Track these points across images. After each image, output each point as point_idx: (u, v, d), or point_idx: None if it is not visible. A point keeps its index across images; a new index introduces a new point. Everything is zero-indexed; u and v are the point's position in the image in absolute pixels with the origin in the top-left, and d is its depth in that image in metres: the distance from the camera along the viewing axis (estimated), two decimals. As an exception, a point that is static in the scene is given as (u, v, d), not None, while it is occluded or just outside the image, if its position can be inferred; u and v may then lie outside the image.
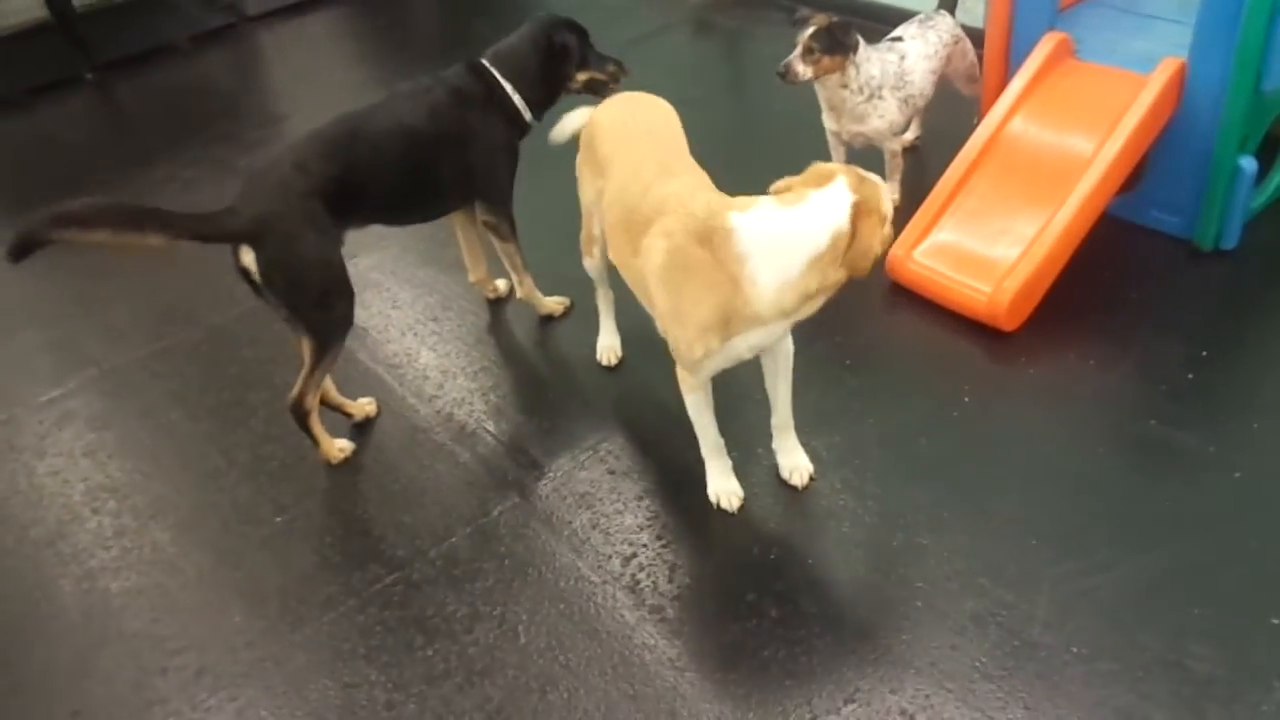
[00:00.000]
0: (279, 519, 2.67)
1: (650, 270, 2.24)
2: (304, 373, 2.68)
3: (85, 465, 2.94)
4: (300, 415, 2.71)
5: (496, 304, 3.35)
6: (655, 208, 2.24)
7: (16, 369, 3.37)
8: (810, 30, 3.06)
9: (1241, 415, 2.59)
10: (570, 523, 2.55)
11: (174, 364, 3.28)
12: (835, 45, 3.08)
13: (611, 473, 2.67)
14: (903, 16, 3.60)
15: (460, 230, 3.22)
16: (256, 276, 2.54)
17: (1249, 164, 2.93)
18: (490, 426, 2.87)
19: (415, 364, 3.14)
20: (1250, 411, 2.60)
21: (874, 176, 2.20)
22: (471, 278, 3.33)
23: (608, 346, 3.01)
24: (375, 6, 5.98)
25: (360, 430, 2.92)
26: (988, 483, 2.50)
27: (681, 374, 2.37)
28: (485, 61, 2.93)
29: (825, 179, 2.14)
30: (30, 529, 2.75)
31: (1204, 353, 2.77)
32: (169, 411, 3.09)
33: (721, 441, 2.49)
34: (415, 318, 3.33)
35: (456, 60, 2.97)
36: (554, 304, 3.24)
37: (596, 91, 3.05)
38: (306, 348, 2.66)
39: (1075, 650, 2.11)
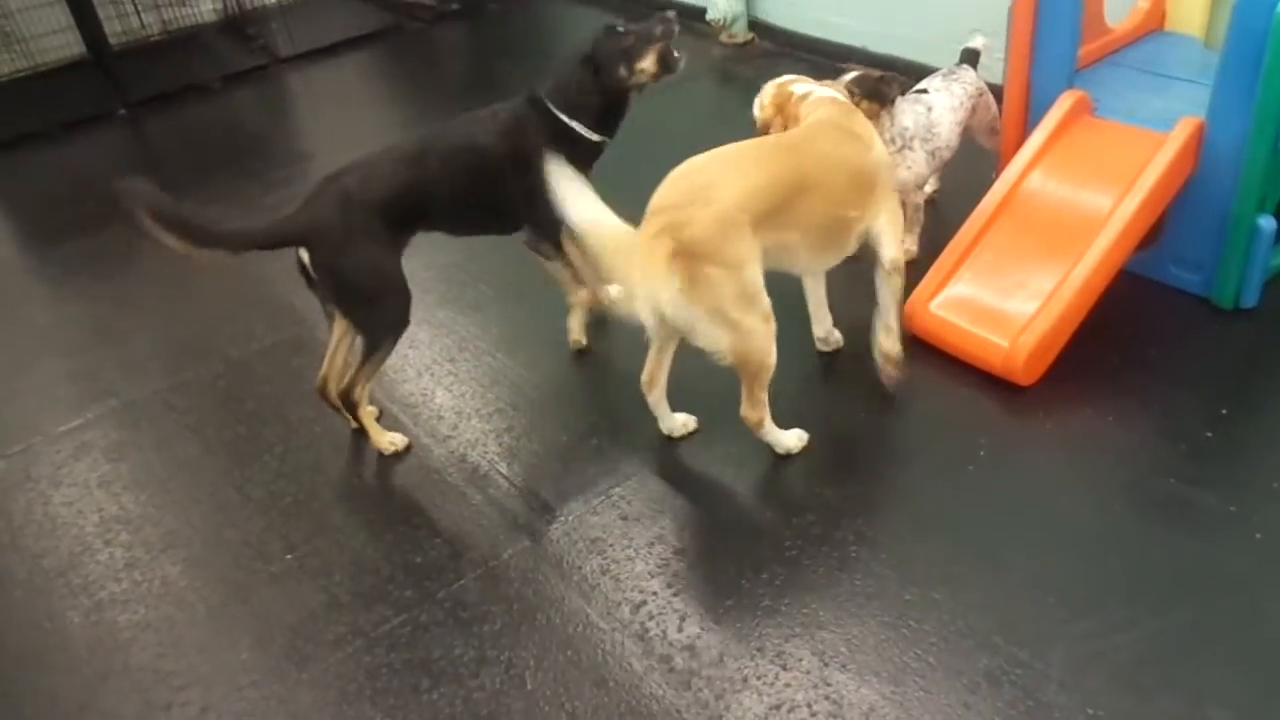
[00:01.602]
0: (290, 556, 2.67)
1: (885, 167, 2.78)
2: (355, 366, 2.82)
3: (100, 496, 2.95)
4: (350, 404, 2.88)
5: (512, 347, 3.35)
6: (834, 139, 2.68)
7: (37, 398, 3.40)
8: (853, 75, 3.06)
9: (1262, 475, 2.56)
10: (580, 568, 2.54)
11: (192, 398, 3.30)
12: (874, 93, 3.05)
13: (624, 518, 2.66)
14: (924, 72, 3.63)
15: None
16: (312, 274, 2.72)
17: (1268, 223, 2.92)
18: (503, 469, 2.87)
19: (430, 404, 3.15)
20: (1271, 471, 2.57)
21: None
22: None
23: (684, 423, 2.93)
24: (403, 50, 6.09)
25: (377, 470, 2.93)
26: (1003, 538, 2.48)
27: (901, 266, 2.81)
28: (544, 96, 2.94)
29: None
30: (43, 559, 2.76)
31: (1224, 411, 2.75)
32: (185, 445, 3.11)
33: None
34: (432, 358, 3.35)
35: (481, 101, 3.01)
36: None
37: (670, 67, 2.97)
38: (357, 344, 2.82)
39: (1091, 712, 2.07)
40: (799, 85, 2.85)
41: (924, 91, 3.36)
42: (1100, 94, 3.20)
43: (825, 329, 3.11)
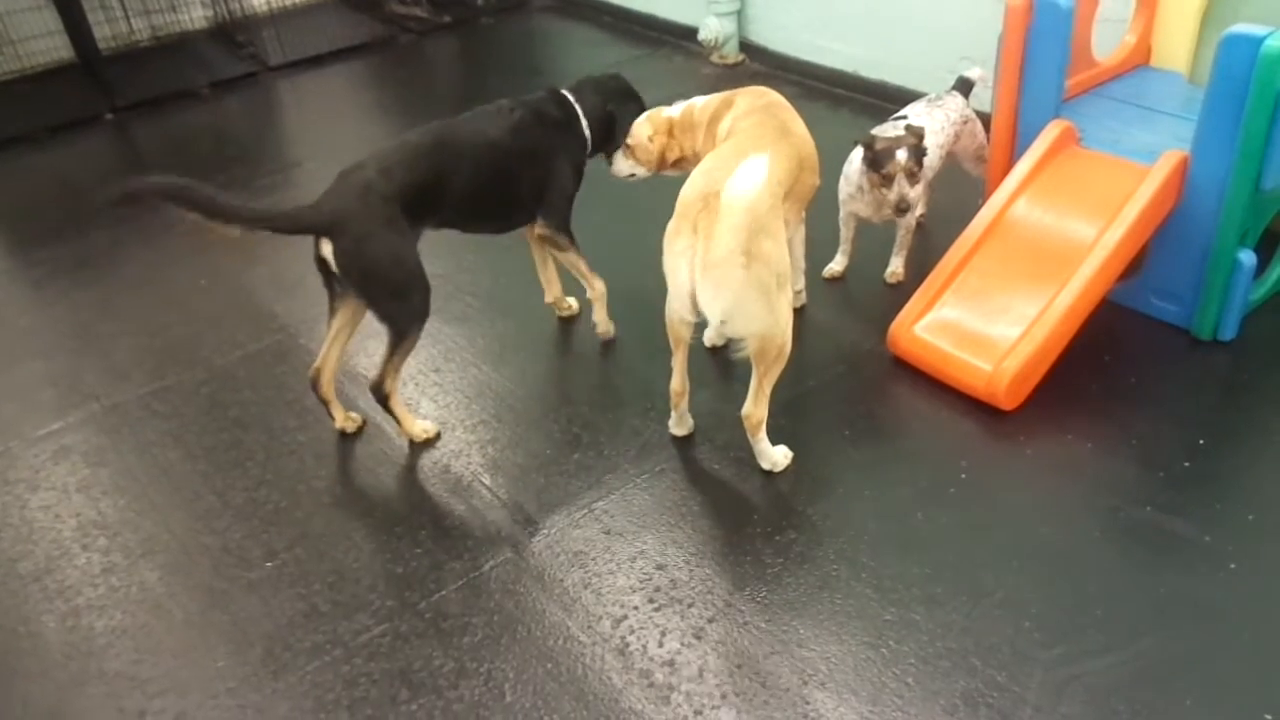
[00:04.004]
0: (270, 563, 2.65)
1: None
2: (383, 358, 2.87)
3: (78, 501, 2.92)
4: (381, 397, 2.90)
5: (498, 359, 3.36)
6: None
7: (17, 401, 3.37)
8: (869, 170, 3.13)
9: (1238, 506, 2.59)
10: (562, 581, 2.53)
11: (174, 403, 3.28)
12: (886, 178, 3.07)
13: (606, 532, 2.66)
14: (913, 98, 3.67)
15: (536, 251, 3.37)
16: (334, 267, 2.74)
17: (1248, 258, 2.97)
18: (486, 480, 2.87)
19: (415, 413, 3.13)
20: (1246, 503, 2.60)
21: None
22: (547, 298, 3.47)
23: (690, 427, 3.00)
24: (394, 61, 6.10)
25: (359, 479, 2.92)
26: (982, 560, 2.49)
27: None
28: (566, 93, 3.16)
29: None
30: (18, 563, 2.73)
31: (1201, 441, 2.78)
32: (166, 450, 3.09)
33: None
34: (417, 367, 3.34)
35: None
36: (608, 323, 3.35)
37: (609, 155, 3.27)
38: (384, 336, 2.86)
39: (1066, 735, 2.09)
40: (666, 110, 3.16)
41: (903, 118, 3.39)
42: (1086, 125, 3.24)
43: (800, 285, 3.43)
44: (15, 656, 2.47)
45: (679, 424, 2.93)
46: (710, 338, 3.22)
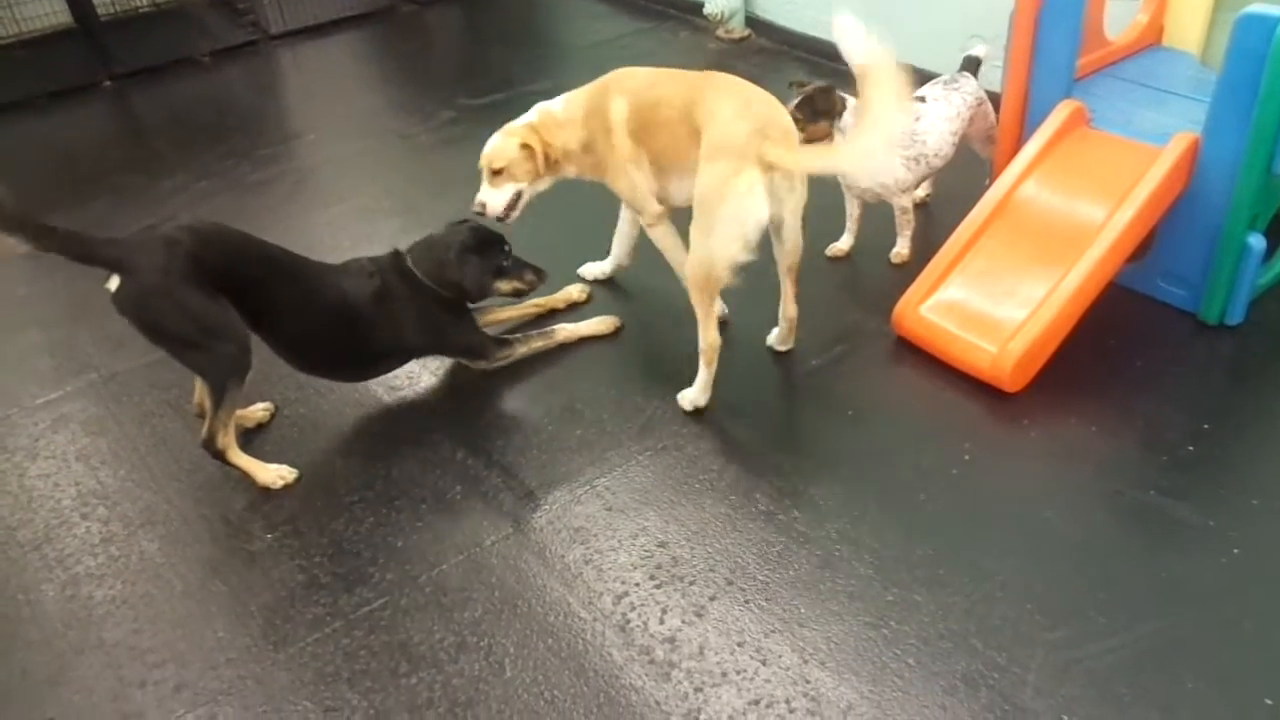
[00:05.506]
0: (270, 535, 2.65)
1: None
2: (209, 415, 2.69)
3: (78, 470, 2.91)
4: (214, 454, 2.73)
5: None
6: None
7: (15, 370, 3.36)
8: (795, 101, 3.11)
9: (1241, 491, 2.58)
10: (563, 557, 2.53)
11: (173, 374, 3.24)
12: (817, 114, 3.13)
13: (608, 509, 2.65)
14: (920, 78, 3.63)
15: None
16: (114, 306, 2.58)
17: (1257, 242, 2.95)
18: (488, 456, 2.86)
19: (416, 387, 3.13)
20: (1250, 488, 2.59)
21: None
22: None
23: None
24: (397, 31, 6.04)
25: (360, 452, 2.91)
26: (985, 543, 2.49)
27: None
28: (409, 262, 2.97)
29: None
30: (17, 531, 2.72)
31: (1205, 426, 2.77)
32: (165, 420, 3.07)
33: None
34: (419, 342, 3.32)
35: (476, 88, 2.99)
36: (598, 325, 3.28)
37: (519, 296, 3.17)
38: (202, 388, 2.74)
39: (1066, 719, 2.08)
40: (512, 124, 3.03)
41: (921, 99, 3.36)
42: (1097, 105, 3.21)
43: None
44: (14, 624, 2.46)
45: (704, 391, 2.89)
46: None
